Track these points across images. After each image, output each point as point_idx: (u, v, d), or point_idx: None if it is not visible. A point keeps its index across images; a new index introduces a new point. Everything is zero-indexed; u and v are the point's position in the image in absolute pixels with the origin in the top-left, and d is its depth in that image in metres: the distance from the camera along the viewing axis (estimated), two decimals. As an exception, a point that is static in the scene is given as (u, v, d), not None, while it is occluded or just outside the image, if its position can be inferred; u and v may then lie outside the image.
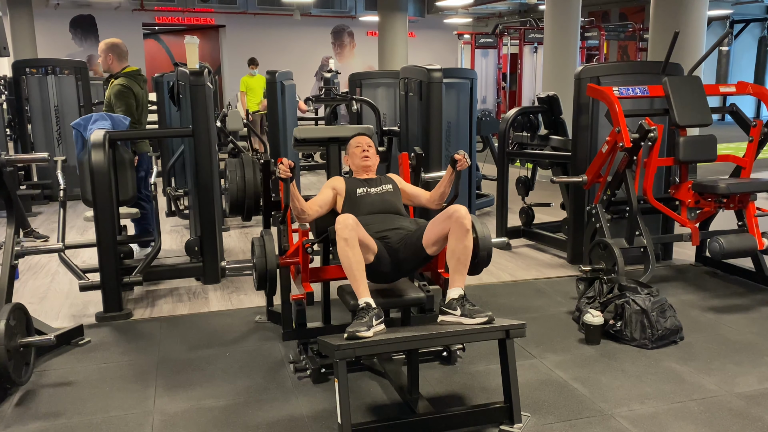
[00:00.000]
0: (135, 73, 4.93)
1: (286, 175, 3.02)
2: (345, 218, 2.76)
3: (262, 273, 3.10)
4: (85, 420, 2.80)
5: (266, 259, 3.09)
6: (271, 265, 3.09)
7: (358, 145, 3.43)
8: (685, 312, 3.91)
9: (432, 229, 2.91)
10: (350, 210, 3.11)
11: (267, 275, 3.09)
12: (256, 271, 3.11)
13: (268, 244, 3.12)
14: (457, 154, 3.16)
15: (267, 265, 3.09)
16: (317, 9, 17.95)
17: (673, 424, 2.72)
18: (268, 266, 3.09)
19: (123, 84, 4.80)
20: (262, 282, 3.12)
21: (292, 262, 3.22)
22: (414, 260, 3.00)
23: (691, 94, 4.32)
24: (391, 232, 3.04)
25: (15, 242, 3.48)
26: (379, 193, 3.26)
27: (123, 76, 4.86)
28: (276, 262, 3.10)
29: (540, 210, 5.77)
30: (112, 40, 4.95)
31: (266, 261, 3.09)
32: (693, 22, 7.32)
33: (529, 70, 14.50)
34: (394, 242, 3.00)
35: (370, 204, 3.19)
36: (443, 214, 2.87)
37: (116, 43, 4.93)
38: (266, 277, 3.10)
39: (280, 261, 3.18)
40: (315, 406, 2.88)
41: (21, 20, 14.21)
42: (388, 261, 2.96)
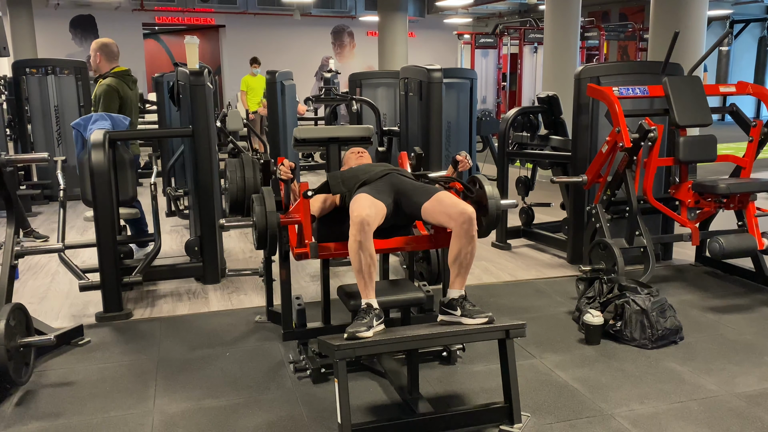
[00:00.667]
0: (124, 73, 4.90)
1: (287, 176, 3.02)
2: (362, 217, 2.65)
3: (262, 230, 2.97)
4: (85, 420, 2.80)
5: (266, 216, 2.96)
6: (271, 222, 2.95)
7: (353, 152, 3.53)
8: (685, 312, 3.91)
9: (436, 210, 2.83)
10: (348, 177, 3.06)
11: (267, 233, 2.96)
12: (256, 228, 2.98)
13: (268, 200, 2.99)
14: (459, 155, 3.15)
15: (267, 222, 2.95)
16: (317, 9, 17.96)
17: (673, 424, 2.72)
18: (269, 223, 2.95)
19: (110, 84, 4.78)
20: (262, 240, 2.99)
21: (293, 221, 3.07)
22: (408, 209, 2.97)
23: (691, 94, 4.32)
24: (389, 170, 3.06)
25: (15, 242, 3.48)
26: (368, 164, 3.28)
27: (111, 77, 4.84)
28: (277, 219, 2.97)
29: (540, 210, 5.77)
30: (103, 40, 4.94)
31: (266, 218, 2.96)
32: (693, 22, 7.32)
33: (529, 70, 14.50)
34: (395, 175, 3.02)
35: (366, 167, 3.16)
36: (452, 210, 2.77)
37: (106, 43, 4.92)
38: (266, 234, 2.97)
39: (281, 219, 3.03)
40: (315, 406, 2.88)
41: (21, 20, 14.21)
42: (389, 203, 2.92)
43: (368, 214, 2.68)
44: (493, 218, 3.01)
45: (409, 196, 2.96)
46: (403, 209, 2.98)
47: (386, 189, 2.97)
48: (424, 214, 2.89)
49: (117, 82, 4.81)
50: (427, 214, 2.88)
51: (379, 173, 3.03)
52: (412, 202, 2.94)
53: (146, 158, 8.33)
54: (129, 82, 4.91)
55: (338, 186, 3.03)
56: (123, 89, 4.82)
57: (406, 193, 2.97)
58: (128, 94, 4.87)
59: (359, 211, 2.69)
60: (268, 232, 2.96)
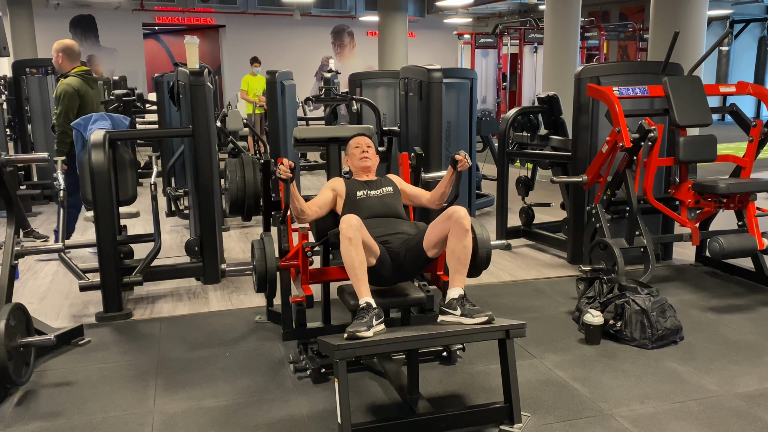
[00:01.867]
0: (84, 73, 4.96)
1: (287, 175, 3.02)
2: (350, 218, 2.76)
3: (262, 276, 3.11)
4: (85, 420, 2.80)
5: (266, 262, 3.09)
6: (271, 268, 3.09)
7: (358, 146, 3.43)
8: (685, 312, 3.91)
9: (432, 231, 2.91)
10: (350, 213, 3.10)
11: (267, 278, 3.10)
12: (256, 273, 3.11)
13: (268, 246, 3.12)
14: (458, 155, 3.15)
15: (267, 267, 3.09)
16: (317, 9, 17.97)
17: (673, 424, 2.72)
18: (268, 269, 3.09)
19: (69, 84, 4.83)
20: (262, 284, 3.13)
21: (291, 265, 3.22)
22: (415, 263, 3.00)
23: (691, 94, 4.32)
24: (392, 237, 3.04)
25: (15, 242, 3.48)
26: (379, 195, 3.26)
27: (73, 76, 4.90)
28: (276, 265, 3.11)
29: (540, 210, 5.77)
30: (65, 42, 5.01)
31: (266, 264, 3.09)
32: (693, 22, 7.31)
33: (529, 70, 14.50)
34: (396, 246, 3.01)
35: (371, 207, 3.19)
36: (443, 216, 2.87)
37: (68, 44, 4.99)
38: (266, 279, 3.10)
39: (280, 263, 3.18)
40: (315, 406, 2.88)
41: (21, 20, 14.22)
42: (390, 265, 2.96)
43: (358, 218, 2.78)
44: (483, 259, 3.11)
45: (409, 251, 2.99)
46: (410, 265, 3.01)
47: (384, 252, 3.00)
48: (427, 244, 2.93)
49: (78, 81, 4.87)
50: (429, 242, 2.92)
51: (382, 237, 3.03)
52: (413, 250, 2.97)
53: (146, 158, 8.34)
54: (90, 81, 4.97)
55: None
56: (83, 88, 4.89)
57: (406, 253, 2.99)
58: (89, 94, 4.93)
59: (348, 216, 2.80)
60: (268, 276, 3.09)
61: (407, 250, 2.98)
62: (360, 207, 3.17)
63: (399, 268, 2.99)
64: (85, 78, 4.94)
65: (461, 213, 2.82)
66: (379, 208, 3.20)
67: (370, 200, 3.22)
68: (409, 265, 3.00)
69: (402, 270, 3.01)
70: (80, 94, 4.86)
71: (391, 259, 2.97)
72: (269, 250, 3.11)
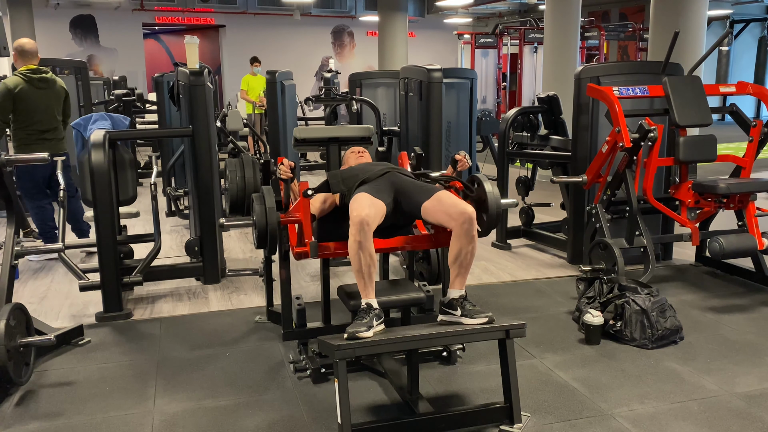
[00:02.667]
0: (29, 71, 4.79)
1: (287, 175, 3.02)
2: (362, 217, 2.65)
3: (262, 230, 2.96)
4: (85, 420, 2.80)
5: (266, 216, 2.95)
6: (271, 221, 2.95)
7: (353, 151, 3.53)
8: (685, 312, 3.91)
9: (437, 210, 2.83)
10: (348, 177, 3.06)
11: (267, 232, 2.96)
12: (256, 228, 2.98)
13: (269, 199, 2.99)
14: (458, 155, 3.15)
15: (267, 221, 2.95)
16: (317, 9, 17.96)
17: (673, 424, 2.72)
18: (269, 222, 2.95)
19: (5, 82, 4.76)
20: (262, 239, 2.99)
21: (293, 220, 3.07)
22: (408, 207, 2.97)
23: (691, 94, 4.32)
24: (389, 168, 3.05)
25: (15, 242, 3.48)
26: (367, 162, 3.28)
27: (15, 75, 4.81)
28: (277, 218, 2.97)
29: (540, 210, 5.77)
30: (20, 40, 4.92)
31: (266, 217, 2.96)
32: (693, 22, 7.32)
33: (529, 70, 14.49)
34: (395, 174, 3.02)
35: (365, 165, 3.17)
36: (453, 209, 2.77)
37: (21, 42, 4.88)
38: (266, 234, 2.97)
39: (281, 218, 3.03)
40: (315, 406, 2.88)
41: (21, 20, 14.22)
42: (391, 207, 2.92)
43: (368, 213, 2.68)
44: (493, 217, 3.00)
45: (409, 195, 2.96)
46: (403, 208, 2.98)
47: (386, 188, 2.96)
48: (424, 213, 2.89)
49: (16, 80, 4.74)
50: (427, 214, 2.88)
51: (378, 172, 3.03)
52: (412, 201, 2.94)
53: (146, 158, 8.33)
54: (35, 81, 4.78)
55: (338, 185, 3.02)
56: (23, 88, 4.72)
57: (406, 192, 2.97)
58: (31, 94, 4.76)
59: (359, 210, 2.68)
60: (268, 230, 2.96)
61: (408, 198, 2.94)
62: (356, 170, 3.12)
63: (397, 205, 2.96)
64: (28, 77, 4.75)
65: (469, 219, 2.72)
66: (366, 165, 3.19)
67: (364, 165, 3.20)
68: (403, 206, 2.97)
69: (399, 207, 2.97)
70: (16, 94, 4.69)
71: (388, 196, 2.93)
72: (269, 202, 2.98)
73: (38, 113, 4.83)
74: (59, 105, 4.96)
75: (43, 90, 4.84)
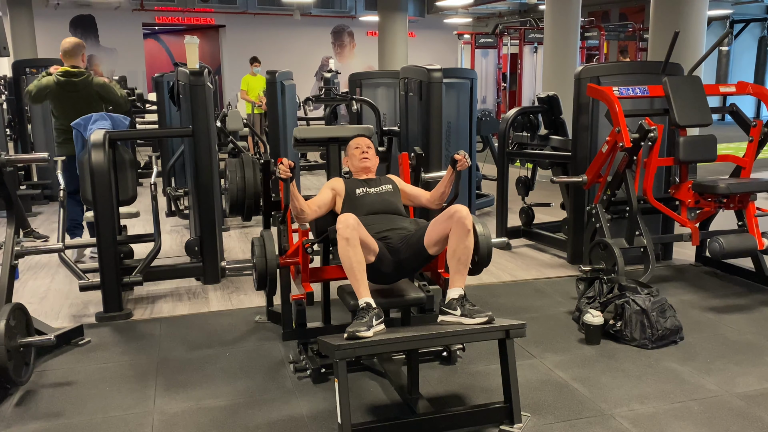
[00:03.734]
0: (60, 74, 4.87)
1: (287, 175, 3.02)
2: (346, 218, 2.74)
3: (262, 273, 3.10)
4: (85, 420, 2.80)
5: (266, 259, 3.09)
6: (271, 265, 3.08)
7: (357, 147, 3.43)
8: (685, 312, 3.91)
9: (433, 229, 2.90)
10: (350, 210, 3.10)
11: (267, 275, 3.09)
12: (256, 271, 3.11)
13: (268, 243, 3.11)
14: (458, 154, 3.15)
15: (267, 265, 3.08)
16: (317, 9, 17.96)
17: (673, 424, 2.72)
18: (268, 266, 3.08)
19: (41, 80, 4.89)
20: (262, 282, 3.12)
21: (292, 263, 3.22)
22: (415, 260, 2.99)
23: (691, 94, 4.32)
24: (392, 233, 3.03)
25: (15, 242, 3.48)
26: (378, 193, 3.26)
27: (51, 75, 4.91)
28: (276, 262, 3.10)
29: (540, 210, 5.77)
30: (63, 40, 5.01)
31: (266, 261, 3.08)
32: (693, 22, 7.32)
33: (529, 70, 14.49)
34: (395, 242, 3.00)
35: (370, 204, 3.19)
36: (444, 214, 2.86)
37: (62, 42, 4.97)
38: (266, 277, 3.09)
39: (280, 261, 3.17)
40: (315, 406, 2.88)
41: (21, 20, 14.21)
42: (390, 261, 2.95)
43: (354, 216, 2.76)
44: (484, 257, 3.11)
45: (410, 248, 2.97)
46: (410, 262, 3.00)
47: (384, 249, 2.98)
48: (428, 241, 2.91)
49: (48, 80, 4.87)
50: (429, 239, 2.91)
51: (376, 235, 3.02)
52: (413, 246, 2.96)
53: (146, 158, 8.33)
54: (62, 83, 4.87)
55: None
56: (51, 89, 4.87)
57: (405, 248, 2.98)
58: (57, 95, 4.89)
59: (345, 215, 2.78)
60: (268, 275, 3.09)
61: (407, 246, 2.97)
62: (359, 204, 3.17)
63: (399, 265, 2.98)
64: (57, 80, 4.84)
65: (463, 213, 2.80)
66: (378, 204, 3.20)
67: (369, 197, 3.22)
68: (409, 262, 2.99)
69: (402, 267, 3.00)
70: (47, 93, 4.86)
71: (390, 256, 2.96)
72: (269, 247, 3.10)
73: (64, 116, 4.88)
74: (90, 107, 4.86)
75: (70, 93, 4.87)
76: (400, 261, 2.98)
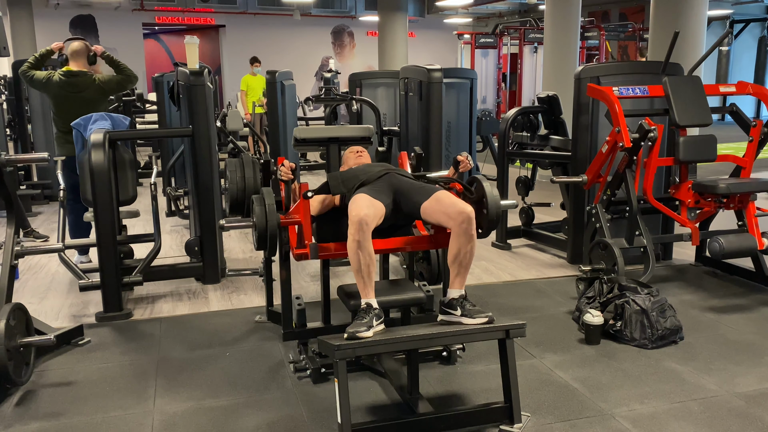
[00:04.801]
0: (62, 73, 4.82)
1: (288, 177, 3.02)
2: (360, 216, 2.65)
3: (262, 231, 2.95)
4: (85, 420, 2.80)
5: (267, 216, 2.95)
6: (271, 222, 2.94)
7: (352, 151, 3.53)
8: (685, 312, 3.91)
9: (435, 210, 2.83)
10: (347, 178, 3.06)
11: (267, 233, 2.95)
12: (256, 229, 2.97)
13: (269, 200, 2.98)
14: (460, 156, 3.16)
15: (267, 222, 2.94)
16: (317, 9, 17.96)
17: (673, 424, 2.72)
18: (269, 223, 2.94)
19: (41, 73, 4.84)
20: (262, 240, 2.98)
21: (293, 221, 3.07)
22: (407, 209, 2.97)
23: (691, 94, 4.32)
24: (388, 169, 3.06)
25: (15, 242, 3.48)
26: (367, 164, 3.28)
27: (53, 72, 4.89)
28: (277, 219, 2.97)
29: (540, 210, 5.77)
30: None
31: (267, 218, 2.95)
32: (693, 22, 7.32)
33: (529, 70, 14.49)
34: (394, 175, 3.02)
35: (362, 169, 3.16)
36: (452, 209, 2.77)
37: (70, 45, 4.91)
38: (266, 235, 2.96)
39: (281, 219, 3.03)
40: (315, 406, 2.88)
41: (21, 20, 14.21)
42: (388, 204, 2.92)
43: (366, 213, 2.69)
44: (493, 218, 2.98)
45: (408, 196, 2.96)
46: (403, 209, 2.98)
47: (385, 189, 2.97)
48: (424, 213, 2.89)
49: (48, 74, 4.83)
50: (426, 214, 2.88)
51: (378, 173, 3.04)
52: (411, 201, 2.94)
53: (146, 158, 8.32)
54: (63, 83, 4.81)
55: (338, 186, 3.03)
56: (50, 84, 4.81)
57: (405, 193, 2.97)
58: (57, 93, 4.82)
59: (357, 210, 2.69)
60: (268, 232, 2.96)
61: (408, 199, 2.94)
62: (354, 170, 3.14)
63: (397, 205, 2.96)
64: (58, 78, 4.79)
65: (468, 218, 2.73)
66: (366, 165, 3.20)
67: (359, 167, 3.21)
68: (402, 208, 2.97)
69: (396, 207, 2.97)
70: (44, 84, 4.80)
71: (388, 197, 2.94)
72: (269, 204, 2.97)
73: (63, 115, 4.82)
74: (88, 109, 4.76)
75: (69, 93, 4.81)
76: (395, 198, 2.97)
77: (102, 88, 4.90)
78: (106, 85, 4.92)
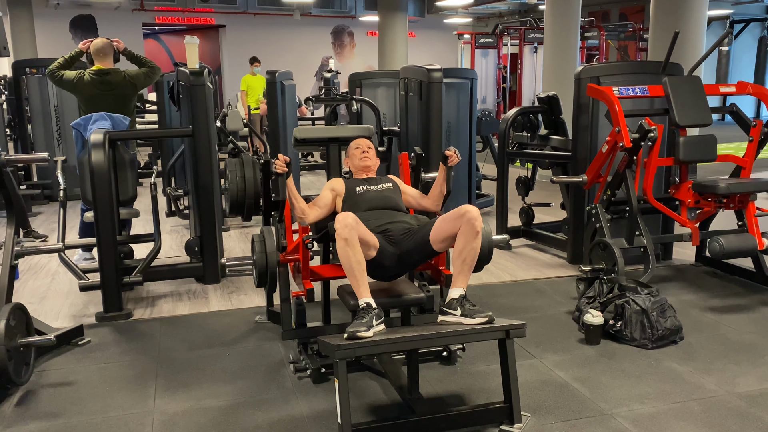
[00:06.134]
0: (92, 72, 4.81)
1: (282, 170, 3.02)
2: (344, 217, 2.73)
3: (262, 270, 3.08)
4: (85, 420, 2.80)
5: (266, 256, 3.06)
6: (271, 262, 3.06)
7: (358, 147, 3.46)
8: (685, 312, 3.91)
9: (442, 227, 2.88)
10: (350, 208, 3.10)
11: (267, 272, 3.06)
12: (256, 268, 3.09)
13: (269, 240, 3.09)
14: (448, 151, 3.20)
15: (267, 261, 3.06)
16: (317, 9, 17.95)
17: (673, 424, 2.72)
18: (269, 263, 3.06)
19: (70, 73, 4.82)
20: (262, 279, 3.10)
21: (292, 259, 3.19)
22: (418, 254, 2.98)
23: (691, 94, 4.32)
24: (393, 225, 3.03)
25: (15, 242, 3.48)
26: (378, 190, 3.26)
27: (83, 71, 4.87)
28: (276, 259, 3.08)
29: (540, 210, 5.77)
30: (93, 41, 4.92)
31: (266, 257, 3.06)
32: (693, 22, 7.31)
33: (529, 70, 14.49)
34: (397, 234, 2.99)
35: (370, 200, 3.18)
36: (454, 213, 2.84)
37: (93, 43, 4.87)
38: (266, 274, 3.07)
39: (280, 258, 3.15)
40: (315, 406, 2.88)
41: (21, 20, 14.20)
42: (391, 253, 2.94)
43: (353, 216, 2.75)
44: (485, 253, 3.13)
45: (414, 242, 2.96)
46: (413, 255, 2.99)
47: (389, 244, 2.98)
48: (434, 236, 2.90)
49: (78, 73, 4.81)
50: (435, 235, 2.90)
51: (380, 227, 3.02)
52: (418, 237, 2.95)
53: (146, 158, 8.32)
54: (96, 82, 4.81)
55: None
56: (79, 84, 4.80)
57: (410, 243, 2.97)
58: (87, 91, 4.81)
59: (344, 215, 2.76)
60: (268, 271, 3.08)
61: (412, 240, 2.96)
62: (359, 201, 3.17)
63: (400, 258, 2.97)
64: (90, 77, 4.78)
65: (474, 214, 2.80)
66: (378, 200, 3.20)
67: (368, 194, 3.22)
68: (411, 255, 2.98)
69: (403, 260, 2.98)
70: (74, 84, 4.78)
71: (392, 248, 2.94)
72: (269, 244, 3.07)
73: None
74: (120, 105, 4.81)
75: (102, 92, 4.79)
76: (401, 254, 2.96)
77: (132, 83, 4.88)
78: (135, 80, 4.90)
